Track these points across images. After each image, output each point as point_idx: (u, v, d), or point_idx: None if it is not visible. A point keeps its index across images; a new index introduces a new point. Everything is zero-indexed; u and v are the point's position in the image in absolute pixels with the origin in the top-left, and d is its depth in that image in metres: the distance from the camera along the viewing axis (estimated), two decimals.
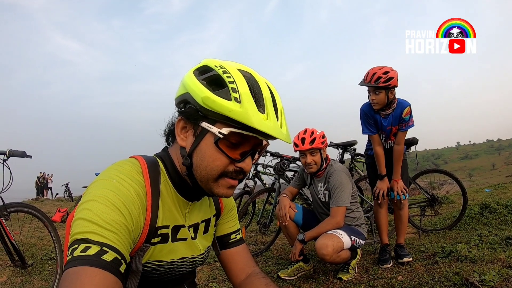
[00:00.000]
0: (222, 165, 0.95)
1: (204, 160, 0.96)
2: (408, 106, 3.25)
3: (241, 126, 0.90)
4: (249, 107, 0.89)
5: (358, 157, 4.86)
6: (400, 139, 3.34)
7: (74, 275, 0.74)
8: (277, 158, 4.73)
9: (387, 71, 3.12)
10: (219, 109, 0.89)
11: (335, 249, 2.76)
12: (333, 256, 2.77)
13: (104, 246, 0.80)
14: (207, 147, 0.95)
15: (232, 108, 0.88)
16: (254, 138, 0.95)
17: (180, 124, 1.02)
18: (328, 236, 2.83)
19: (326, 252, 2.73)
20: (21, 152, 2.94)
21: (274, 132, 0.90)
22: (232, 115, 0.88)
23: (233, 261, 1.30)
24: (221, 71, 0.94)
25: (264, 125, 0.89)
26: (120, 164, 1.00)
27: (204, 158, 0.96)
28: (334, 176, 3.06)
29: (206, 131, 0.95)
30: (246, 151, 0.97)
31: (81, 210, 0.85)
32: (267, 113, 0.91)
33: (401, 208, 3.48)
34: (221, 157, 0.95)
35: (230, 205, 1.36)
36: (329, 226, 2.93)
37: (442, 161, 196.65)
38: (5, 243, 2.84)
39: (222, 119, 0.91)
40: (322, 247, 2.74)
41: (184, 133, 1.02)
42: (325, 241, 2.77)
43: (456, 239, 3.82)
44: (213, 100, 0.89)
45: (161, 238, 1.04)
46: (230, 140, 0.94)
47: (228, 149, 0.95)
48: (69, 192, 22.36)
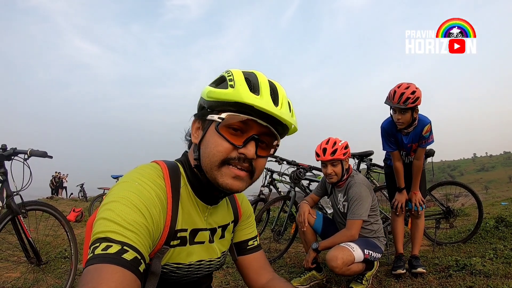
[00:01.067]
0: (224, 151, 0.99)
1: (208, 147, 1.01)
2: (429, 123, 3.24)
3: (237, 110, 0.98)
4: (241, 88, 0.97)
5: (374, 167, 4.87)
6: (420, 155, 3.37)
7: (95, 271, 0.77)
8: (294, 167, 4.74)
9: (414, 90, 3.08)
10: (217, 96, 0.99)
11: (345, 262, 2.77)
12: (342, 269, 2.77)
13: (125, 245, 0.83)
14: (210, 135, 1.02)
15: (226, 92, 0.97)
16: (255, 124, 1.00)
17: (195, 125, 1.10)
18: (339, 248, 2.84)
19: (335, 264, 2.74)
20: (42, 152, 2.99)
21: (266, 106, 0.95)
22: (227, 97, 0.97)
23: (251, 267, 1.33)
24: (225, 73, 1.04)
25: (255, 101, 0.95)
26: (142, 168, 1.05)
27: (208, 145, 1.02)
28: (354, 189, 3.06)
29: (211, 121, 1.03)
30: (249, 137, 1.01)
31: (103, 211, 0.89)
32: (261, 95, 0.97)
33: (419, 217, 3.52)
34: (222, 143, 0.99)
35: (248, 211, 1.39)
36: (344, 238, 2.94)
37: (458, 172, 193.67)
38: (22, 240, 2.90)
39: (222, 107, 1.00)
40: (332, 259, 2.76)
41: (197, 132, 1.09)
42: (335, 253, 2.79)
43: (471, 253, 3.80)
44: (213, 91, 1.01)
45: (180, 241, 1.07)
46: (232, 126, 1.00)
47: (231, 136, 1.00)
48: (83, 192, 22.51)
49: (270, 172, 5.04)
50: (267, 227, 5.32)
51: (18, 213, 2.82)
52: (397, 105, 3.10)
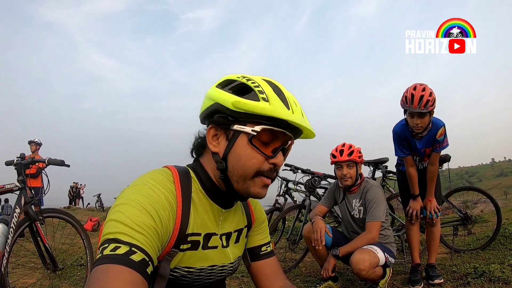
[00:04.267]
0: (258, 163, 1.02)
1: (241, 160, 1.02)
2: (443, 126, 3.13)
3: (271, 123, 1.00)
4: (277, 104, 0.99)
5: (389, 174, 4.83)
6: (434, 160, 3.27)
7: (103, 271, 0.78)
8: (308, 175, 4.74)
9: (430, 92, 2.95)
10: (250, 109, 0.98)
11: (372, 264, 2.73)
12: (369, 272, 2.73)
13: (133, 246, 0.84)
14: (242, 148, 1.02)
15: (263, 106, 0.97)
16: (283, 134, 1.03)
17: (211, 132, 1.08)
18: (364, 251, 2.81)
19: (363, 267, 2.69)
20: (60, 161, 3.08)
21: (301, 122, 1.00)
22: (265, 112, 0.97)
23: (264, 273, 1.33)
24: (244, 80, 1.04)
25: (292, 117, 0.98)
26: (153, 173, 1.06)
27: (241, 158, 1.02)
28: (371, 191, 3.06)
29: (239, 132, 1.02)
30: (277, 147, 1.05)
31: (113, 212, 0.91)
32: (292, 109, 1.00)
33: (434, 225, 3.43)
34: (256, 155, 1.02)
35: (262, 217, 1.39)
36: (365, 241, 2.92)
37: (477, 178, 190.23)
38: (39, 246, 2.99)
39: (252, 119, 1.00)
40: (359, 261, 2.71)
41: (215, 140, 1.08)
42: (362, 255, 2.75)
43: (489, 260, 3.75)
44: (244, 102, 0.98)
45: (191, 245, 1.07)
46: (262, 139, 1.02)
47: (263, 148, 1.03)
48: (100, 202, 22.73)
49: (285, 181, 5.05)
50: (283, 236, 5.31)
51: (35, 220, 2.91)
52: (418, 110, 2.94)
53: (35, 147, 7.74)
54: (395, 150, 3.39)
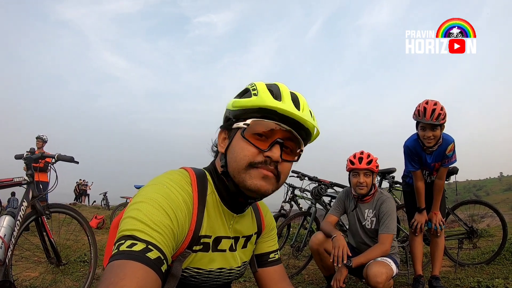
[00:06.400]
0: (250, 154, 1.03)
1: (234, 152, 1.06)
2: (452, 142, 3.23)
3: (262, 115, 1.04)
4: (264, 95, 1.04)
5: (396, 185, 4.82)
6: (442, 174, 3.35)
7: (119, 267, 0.79)
8: (315, 183, 4.75)
9: (441, 107, 3.09)
10: (241, 104, 1.06)
11: (388, 277, 2.72)
12: (385, 284, 2.71)
13: (149, 244, 0.85)
14: (237, 142, 1.07)
15: (250, 99, 1.05)
16: (280, 131, 1.05)
17: (221, 135, 1.16)
18: (381, 263, 2.79)
19: (381, 279, 2.66)
20: (69, 157, 3.12)
21: (289, 109, 1.01)
22: (252, 104, 1.04)
23: (270, 280, 1.34)
24: (249, 86, 1.12)
25: (278, 104, 1.01)
26: (171, 173, 1.09)
27: (234, 151, 1.06)
28: (387, 203, 3.05)
29: (236, 129, 1.08)
30: (273, 141, 1.05)
31: (131, 210, 0.92)
32: (283, 100, 1.04)
33: (439, 237, 3.45)
34: (248, 147, 1.04)
35: (272, 224, 1.41)
36: (378, 253, 2.90)
37: (484, 192, 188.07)
38: (44, 240, 3.03)
39: (247, 115, 1.06)
40: (377, 274, 2.68)
41: (223, 142, 1.14)
42: (379, 269, 2.72)
43: (494, 274, 3.74)
44: (238, 101, 1.08)
45: (203, 247, 1.09)
46: (257, 132, 1.05)
47: (256, 141, 1.04)
48: (106, 200, 22.74)
49: (292, 188, 5.06)
50: (287, 243, 5.31)
51: (42, 214, 2.95)
52: (430, 122, 3.08)
53: (41, 143, 7.85)
54: (405, 164, 3.46)
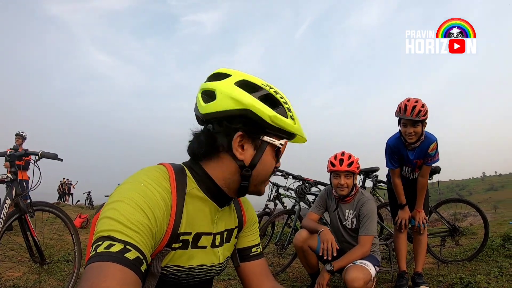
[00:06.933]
0: (272, 169, 1.15)
1: (265, 168, 1.12)
2: (435, 141, 3.27)
3: (289, 137, 1.13)
4: (298, 123, 1.13)
5: (380, 184, 4.85)
6: (425, 173, 3.39)
7: (97, 269, 0.78)
8: (299, 181, 4.73)
9: (423, 104, 3.14)
10: (284, 125, 1.08)
11: (366, 281, 2.71)
12: None
13: (127, 244, 0.84)
14: (269, 157, 1.11)
15: (293, 125, 1.10)
16: None
17: (238, 139, 1.07)
18: (358, 268, 2.77)
19: (358, 285, 2.65)
20: (53, 154, 3.06)
21: (302, 134, 1.16)
22: (293, 130, 1.11)
23: (253, 274, 1.32)
24: (272, 91, 1.10)
25: (302, 132, 1.15)
26: (148, 170, 1.05)
27: (266, 166, 1.11)
28: (367, 205, 3.06)
29: (266, 143, 1.09)
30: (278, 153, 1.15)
31: (108, 210, 0.90)
32: (296, 122, 1.13)
33: (421, 234, 3.50)
34: (273, 163, 1.14)
35: (253, 218, 1.39)
36: (358, 255, 2.90)
37: (467, 192, 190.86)
38: (27, 239, 2.96)
39: (279, 133, 1.10)
40: (355, 280, 2.66)
41: (245, 150, 1.09)
42: (356, 274, 2.70)
43: (476, 271, 3.77)
44: (280, 119, 1.07)
45: (182, 244, 1.07)
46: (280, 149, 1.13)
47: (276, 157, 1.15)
48: (90, 200, 22.41)
49: (276, 186, 5.03)
50: (271, 241, 5.29)
51: (25, 212, 2.88)
52: (410, 118, 3.12)
53: (21, 140, 7.71)
54: (386, 162, 3.51)
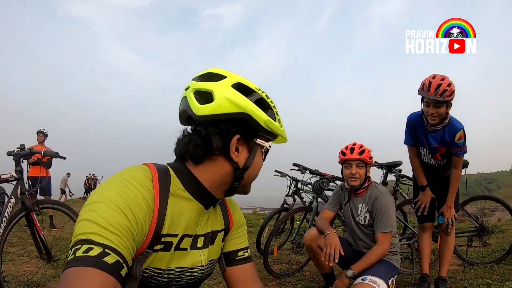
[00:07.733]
0: (260, 169, 1.18)
1: (256, 169, 1.14)
2: (462, 129, 2.96)
3: (274, 139, 1.17)
4: (282, 125, 1.17)
5: (403, 179, 4.62)
6: (458, 163, 3.10)
7: (75, 275, 0.75)
8: (316, 176, 4.59)
9: (449, 83, 2.83)
10: (275, 129, 1.11)
11: None
12: None
13: (106, 248, 0.81)
14: (258, 159, 1.13)
15: (280, 129, 1.14)
16: None
17: (239, 144, 1.08)
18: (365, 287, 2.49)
19: None
20: (54, 153, 3.16)
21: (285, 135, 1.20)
22: (278, 132, 1.12)
23: (239, 280, 1.28)
24: (264, 95, 1.11)
25: (285, 134, 1.19)
26: (130, 169, 1.02)
27: (256, 168, 1.14)
28: (381, 200, 2.85)
29: (257, 146, 1.11)
30: None
31: (86, 211, 0.87)
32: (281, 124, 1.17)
33: (449, 234, 3.24)
34: (262, 164, 1.17)
35: (240, 221, 1.36)
36: (377, 255, 2.71)
37: (495, 185, 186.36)
38: (35, 237, 3.03)
39: (268, 135, 1.12)
40: None
41: (240, 153, 1.09)
42: None
43: (504, 275, 3.56)
44: (272, 123, 1.09)
45: (164, 246, 1.03)
46: None
47: None
48: None
49: (295, 181, 4.91)
50: (290, 237, 5.18)
51: (31, 210, 2.94)
52: (434, 97, 2.82)
53: (43, 137, 7.86)
54: (405, 137, 3.30)
